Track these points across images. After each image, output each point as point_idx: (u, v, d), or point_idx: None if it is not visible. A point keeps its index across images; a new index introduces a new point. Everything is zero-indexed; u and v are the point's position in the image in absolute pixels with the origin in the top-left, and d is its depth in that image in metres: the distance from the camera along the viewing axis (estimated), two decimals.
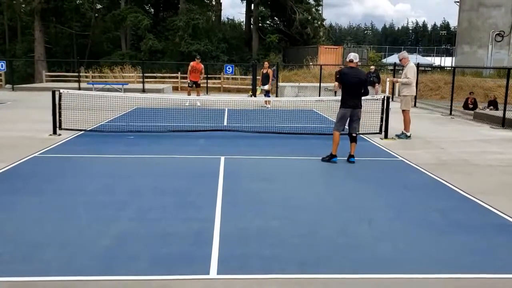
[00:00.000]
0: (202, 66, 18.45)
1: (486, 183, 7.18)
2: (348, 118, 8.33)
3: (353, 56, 8.42)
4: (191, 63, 18.30)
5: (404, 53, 11.43)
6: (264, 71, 18.29)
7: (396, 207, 5.90)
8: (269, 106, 17.26)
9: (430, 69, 32.32)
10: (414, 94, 11.55)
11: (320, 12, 42.21)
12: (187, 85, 18.60)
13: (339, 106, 8.42)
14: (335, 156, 8.27)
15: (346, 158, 8.37)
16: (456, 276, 4.02)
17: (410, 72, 10.90)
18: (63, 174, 7.21)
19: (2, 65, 24.70)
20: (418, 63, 20.29)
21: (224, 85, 28.00)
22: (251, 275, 3.93)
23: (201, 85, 19.39)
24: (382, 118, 11.07)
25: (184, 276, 3.88)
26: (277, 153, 9.00)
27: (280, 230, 4.98)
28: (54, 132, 10.51)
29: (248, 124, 11.92)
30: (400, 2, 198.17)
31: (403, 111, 11.10)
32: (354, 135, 8.39)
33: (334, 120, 8.60)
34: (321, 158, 8.42)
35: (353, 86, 8.18)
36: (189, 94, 18.13)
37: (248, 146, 9.73)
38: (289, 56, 38.93)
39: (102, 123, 12.28)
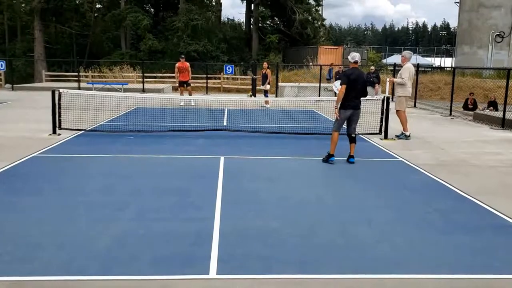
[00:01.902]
0: (188, 64, 18.36)
1: (486, 183, 7.19)
2: (348, 119, 8.32)
3: (358, 57, 8.28)
4: (177, 64, 18.19)
5: (406, 53, 11.35)
6: (264, 72, 18.32)
7: (395, 208, 5.91)
8: (268, 106, 17.28)
9: (430, 69, 32.31)
10: (409, 95, 11.54)
11: (320, 12, 42.27)
12: (177, 85, 18.56)
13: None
14: (332, 155, 8.25)
15: (345, 159, 8.37)
16: (455, 276, 4.02)
17: (404, 72, 10.92)
18: (63, 174, 7.21)
19: (1, 64, 24.71)
20: (418, 64, 20.30)
21: (224, 85, 28.01)
22: (251, 275, 3.93)
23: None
24: (382, 118, 11.08)
25: (184, 276, 3.88)
26: (277, 153, 9.00)
27: (280, 230, 4.99)
28: (54, 132, 10.50)
29: (248, 124, 11.92)
30: (400, 2, 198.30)
31: (397, 111, 11.12)
32: (353, 135, 8.38)
33: (334, 120, 8.57)
34: (321, 158, 8.40)
35: (358, 87, 8.12)
36: (181, 94, 18.13)
37: (248, 146, 9.73)
38: (289, 56, 38.94)
39: (102, 123, 12.28)
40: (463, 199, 6.38)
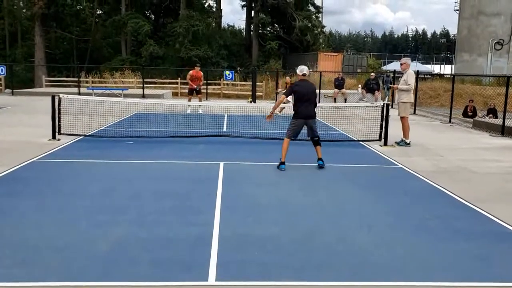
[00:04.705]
0: (202, 73, 18.40)
1: (485, 190, 7.18)
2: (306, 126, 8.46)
3: (306, 69, 8.53)
4: (191, 72, 18.04)
5: (407, 59, 11.34)
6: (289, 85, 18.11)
7: (395, 214, 5.90)
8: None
9: (429, 76, 32.38)
10: (413, 101, 11.53)
11: (320, 19, 42.39)
12: (188, 92, 18.48)
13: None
14: (283, 163, 8.26)
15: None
16: (455, 284, 4.01)
17: (410, 79, 10.85)
18: (62, 178, 7.21)
19: (2, 69, 24.75)
20: (417, 71, 20.33)
21: (224, 91, 28.04)
22: (250, 282, 3.92)
23: (201, 91, 19.31)
24: (381, 125, 11.08)
25: (183, 282, 3.87)
26: (277, 159, 8.98)
27: (279, 236, 4.98)
28: (54, 137, 10.50)
29: (248, 130, 11.93)
30: (400, 9, 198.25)
31: (402, 118, 11.08)
32: (315, 138, 8.51)
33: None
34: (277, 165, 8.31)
35: (304, 98, 8.40)
36: (189, 100, 18.05)
37: (248, 152, 9.74)
38: (289, 62, 39.01)
39: (102, 128, 12.29)
40: (462, 206, 6.37)
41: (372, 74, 24.17)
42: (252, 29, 40.70)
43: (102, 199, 6.19)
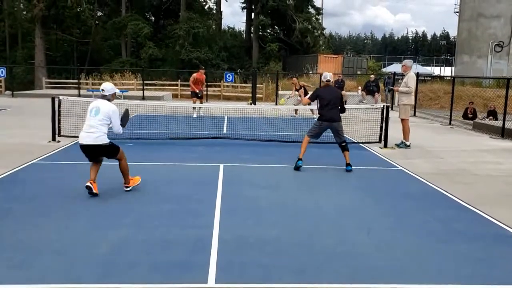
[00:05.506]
0: (204, 77, 18.30)
1: (486, 193, 7.17)
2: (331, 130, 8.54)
3: (330, 76, 8.78)
4: (195, 75, 17.57)
5: (408, 62, 11.34)
6: (298, 87, 18.42)
7: (395, 216, 5.89)
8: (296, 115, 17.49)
9: (429, 78, 32.37)
10: (413, 103, 11.52)
11: (320, 21, 42.43)
12: (191, 95, 18.28)
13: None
14: (300, 159, 8.38)
15: (343, 167, 8.36)
16: (456, 286, 4.00)
17: (411, 81, 10.86)
18: (62, 180, 7.20)
19: (2, 71, 24.76)
20: (417, 73, 20.32)
21: (224, 93, 28.04)
22: (250, 284, 3.91)
23: (202, 94, 19.18)
24: (381, 127, 11.07)
25: (182, 285, 3.86)
26: (277, 161, 8.99)
27: (279, 238, 4.97)
28: (53, 139, 10.50)
29: (248, 132, 11.92)
30: (400, 12, 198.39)
31: (402, 120, 11.08)
32: (343, 144, 8.51)
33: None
34: (293, 167, 8.42)
35: (326, 103, 8.50)
36: (194, 102, 17.88)
37: (248, 154, 9.73)
38: (289, 64, 39.07)
39: None
40: (463, 208, 6.36)
41: (372, 76, 24.17)
42: (252, 31, 40.77)
43: (101, 201, 6.18)
